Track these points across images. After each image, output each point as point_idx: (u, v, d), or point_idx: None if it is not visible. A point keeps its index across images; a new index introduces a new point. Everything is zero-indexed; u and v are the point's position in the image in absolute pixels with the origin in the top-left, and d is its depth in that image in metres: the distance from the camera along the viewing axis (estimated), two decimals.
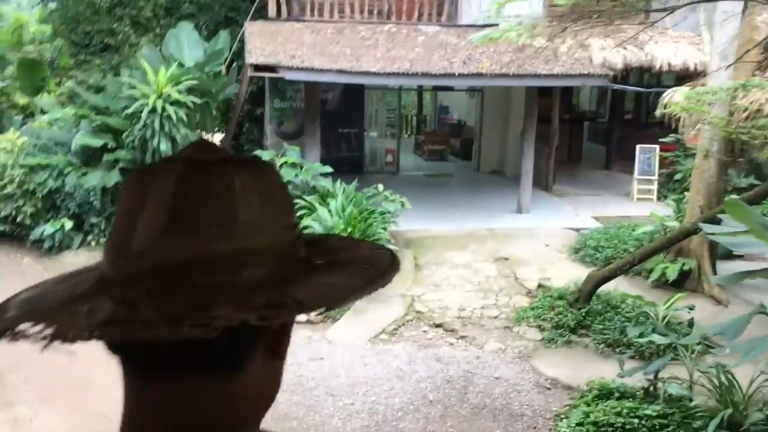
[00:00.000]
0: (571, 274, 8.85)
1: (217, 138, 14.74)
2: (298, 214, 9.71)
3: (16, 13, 24.06)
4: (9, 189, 10.73)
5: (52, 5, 14.90)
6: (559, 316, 7.76)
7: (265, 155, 10.14)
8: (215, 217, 0.69)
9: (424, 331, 7.90)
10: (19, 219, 10.77)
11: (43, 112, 13.10)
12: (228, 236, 0.69)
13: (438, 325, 7.98)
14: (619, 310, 7.85)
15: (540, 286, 8.71)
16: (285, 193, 0.79)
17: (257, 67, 9.73)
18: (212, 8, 14.98)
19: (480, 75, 10.17)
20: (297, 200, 9.71)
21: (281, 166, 9.95)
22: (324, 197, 9.70)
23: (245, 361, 0.73)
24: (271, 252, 0.72)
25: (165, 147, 10.37)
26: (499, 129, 15.10)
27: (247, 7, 14.41)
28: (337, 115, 14.59)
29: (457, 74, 10.10)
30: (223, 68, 13.15)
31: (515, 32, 6.90)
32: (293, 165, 10.01)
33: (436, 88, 17.53)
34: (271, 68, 9.72)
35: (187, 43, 12.45)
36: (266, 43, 10.77)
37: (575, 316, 7.70)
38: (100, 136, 11.00)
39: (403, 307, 8.31)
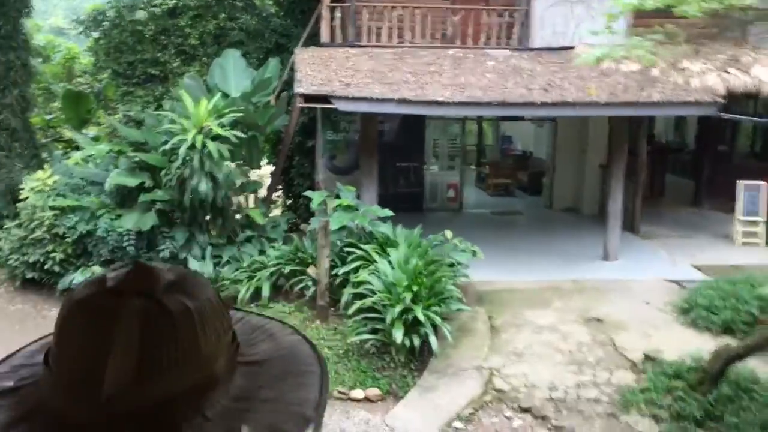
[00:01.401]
0: (683, 343, 7.27)
1: (266, 171, 13.69)
2: (353, 264, 8.45)
3: (68, 44, 23.88)
4: (38, 233, 9.78)
5: (96, 35, 14.17)
6: (680, 402, 6.20)
7: (316, 197, 8.90)
8: (183, 356, 0.70)
9: (508, 417, 6.44)
10: (47, 266, 9.80)
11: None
12: (196, 370, 0.71)
13: (525, 410, 6.51)
14: (754, 395, 6.24)
15: (647, 358, 7.15)
16: (224, 307, 0.79)
17: (308, 98, 8.55)
18: (262, 35, 14.02)
19: (568, 104, 8.74)
20: (352, 249, 8.42)
21: (335, 209, 8.69)
22: (383, 245, 8.39)
23: None
24: (226, 370, 0.75)
25: (204, 187, 9.26)
26: (574, 162, 13.59)
27: (299, 33, 13.44)
28: (395, 148, 13.34)
29: (539, 103, 8.70)
30: (273, 98, 12.09)
31: (643, 50, 5.50)
32: (348, 207, 8.74)
33: (501, 117, 16.12)
34: (324, 98, 8.52)
35: (233, 71, 11.42)
36: (318, 70, 9.61)
37: (701, 403, 6.13)
38: (137, 174, 9.98)
39: (479, 384, 6.86)
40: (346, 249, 8.49)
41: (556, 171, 13.93)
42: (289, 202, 14.56)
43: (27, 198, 10.13)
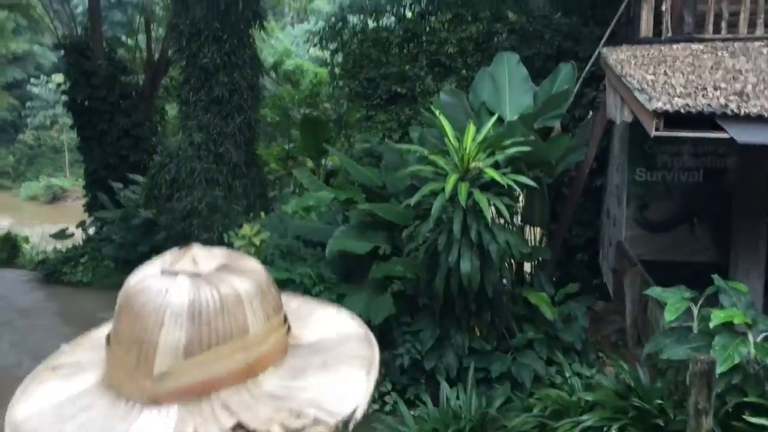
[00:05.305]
0: None
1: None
2: None
3: (315, 68, 22.42)
4: None
5: (333, 46, 11.58)
6: None
7: (672, 303, 4.75)
8: (231, 335, 0.71)
9: None
10: None
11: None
12: (243, 349, 0.72)
13: None
14: None
15: None
16: (274, 287, 0.79)
17: (670, 119, 4.62)
18: (540, 37, 10.32)
19: None
20: (754, 416, 4.25)
21: (710, 328, 4.58)
22: None
23: None
24: (276, 350, 0.75)
25: (468, 266, 5.72)
26: None
27: (591, 33, 9.68)
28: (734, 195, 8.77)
29: None
30: (558, 124, 8.34)
31: None
32: (732, 336, 4.56)
33: None
34: (700, 119, 4.56)
35: (508, 83, 7.83)
36: (666, 74, 5.63)
37: None
38: (368, 236, 6.79)
39: None
40: (738, 408, 4.35)
41: None
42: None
43: None
